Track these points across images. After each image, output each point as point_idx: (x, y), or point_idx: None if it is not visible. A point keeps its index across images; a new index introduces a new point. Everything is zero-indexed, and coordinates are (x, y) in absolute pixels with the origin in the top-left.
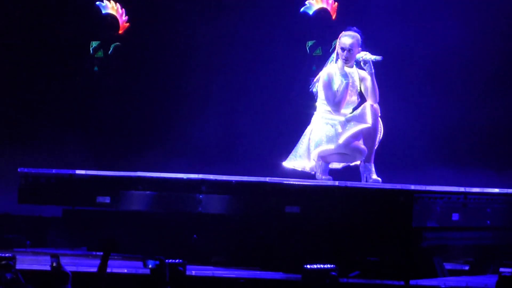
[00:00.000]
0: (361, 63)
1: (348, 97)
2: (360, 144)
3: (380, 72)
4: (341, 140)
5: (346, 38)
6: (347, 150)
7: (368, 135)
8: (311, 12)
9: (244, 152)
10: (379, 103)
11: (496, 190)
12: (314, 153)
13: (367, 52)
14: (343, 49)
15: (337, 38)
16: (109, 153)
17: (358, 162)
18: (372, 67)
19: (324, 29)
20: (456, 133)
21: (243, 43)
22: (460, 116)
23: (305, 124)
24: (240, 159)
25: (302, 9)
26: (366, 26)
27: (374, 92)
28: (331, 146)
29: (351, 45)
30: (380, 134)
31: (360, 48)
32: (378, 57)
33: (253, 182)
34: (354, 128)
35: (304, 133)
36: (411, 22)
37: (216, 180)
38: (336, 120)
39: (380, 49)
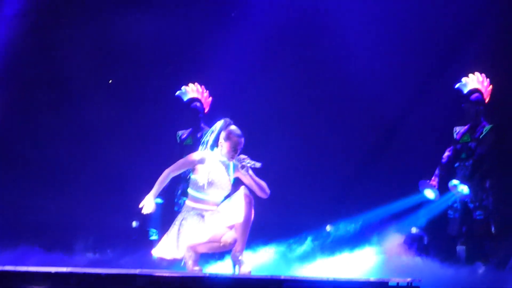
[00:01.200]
0: (239, 166)
1: (220, 185)
2: (232, 234)
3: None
4: (211, 234)
5: (240, 139)
6: (218, 241)
7: (240, 225)
8: (185, 99)
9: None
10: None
11: (364, 279)
12: (184, 246)
13: (247, 157)
14: (235, 149)
15: (219, 126)
16: None
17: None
18: (249, 169)
19: (196, 119)
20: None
21: (115, 127)
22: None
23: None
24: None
25: (177, 93)
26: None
27: (260, 187)
28: (201, 240)
29: (243, 144)
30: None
31: None
32: (258, 164)
33: (123, 274)
34: (226, 223)
35: (174, 222)
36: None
37: (85, 273)
38: (208, 211)
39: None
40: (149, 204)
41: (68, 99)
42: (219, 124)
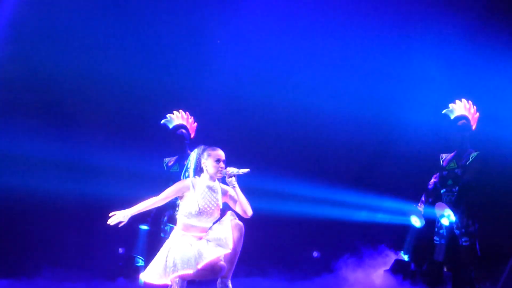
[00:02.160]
0: (226, 177)
1: (208, 210)
2: (221, 261)
3: None
4: (200, 265)
5: (219, 150)
6: (206, 268)
7: (229, 254)
8: (170, 126)
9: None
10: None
11: None
12: (171, 273)
13: (233, 168)
14: (219, 160)
15: (195, 153)
16: None
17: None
18: (235, 181)
19: (182, 146)
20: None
21: (101, 154)
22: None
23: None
24: None
25: (162, 121)
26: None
27: (244, 206)
28: (189, 271)
29: (224, 156)
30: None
31: None
32: (245, 170)
33: None
34: (214, 254)
35: (163, 247)
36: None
37: None
38: (196, 239)
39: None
40: (119, 218)
41: (56, 125)
42: (194, 153)
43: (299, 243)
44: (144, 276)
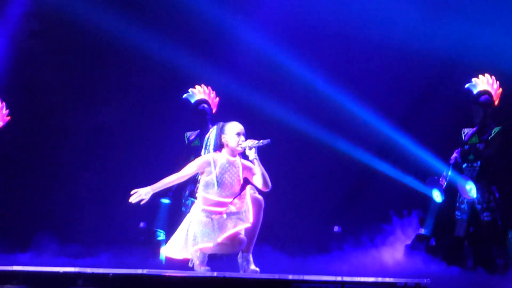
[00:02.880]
0: (247, 149)
1: (229, 185)
2: (241, 235)
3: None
4: (220, 239)
5: (238, 124)
6: (227, 242)
7: (249, 228)
8: (192, 101)
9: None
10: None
11: (372, 279)
12: (192, 247)
13: (253, 140)
14: (239, 134)
15: (215, 130)
16: None
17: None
18: (256, 152)
19: (204, 120)
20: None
21: (123, 129)
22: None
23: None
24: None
25: (184, 96)
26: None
27: (264, 178)
28: (209, 244)
29: (244, 129)
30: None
31: None
32: (265, 140)
33: (131, 274)
34: (235, 228)
35: (184, 221)
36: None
37: (92, 273)
38: (216, 215)
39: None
40: (141, 195)
41: (78, 101)
42: (213, 131)
43: (321, 214)
44: (165, 250)
